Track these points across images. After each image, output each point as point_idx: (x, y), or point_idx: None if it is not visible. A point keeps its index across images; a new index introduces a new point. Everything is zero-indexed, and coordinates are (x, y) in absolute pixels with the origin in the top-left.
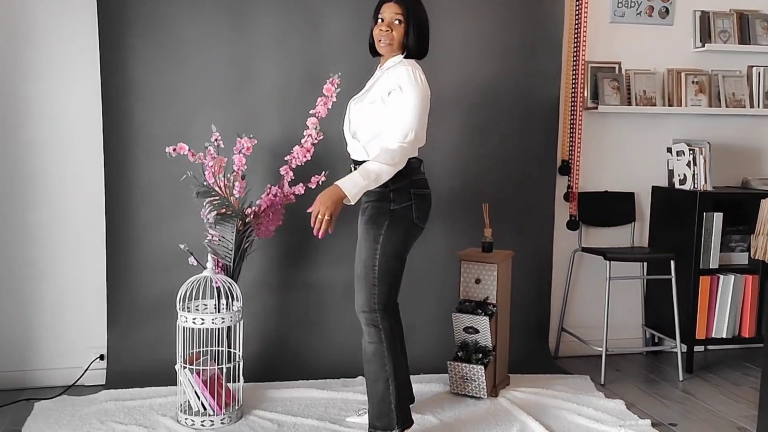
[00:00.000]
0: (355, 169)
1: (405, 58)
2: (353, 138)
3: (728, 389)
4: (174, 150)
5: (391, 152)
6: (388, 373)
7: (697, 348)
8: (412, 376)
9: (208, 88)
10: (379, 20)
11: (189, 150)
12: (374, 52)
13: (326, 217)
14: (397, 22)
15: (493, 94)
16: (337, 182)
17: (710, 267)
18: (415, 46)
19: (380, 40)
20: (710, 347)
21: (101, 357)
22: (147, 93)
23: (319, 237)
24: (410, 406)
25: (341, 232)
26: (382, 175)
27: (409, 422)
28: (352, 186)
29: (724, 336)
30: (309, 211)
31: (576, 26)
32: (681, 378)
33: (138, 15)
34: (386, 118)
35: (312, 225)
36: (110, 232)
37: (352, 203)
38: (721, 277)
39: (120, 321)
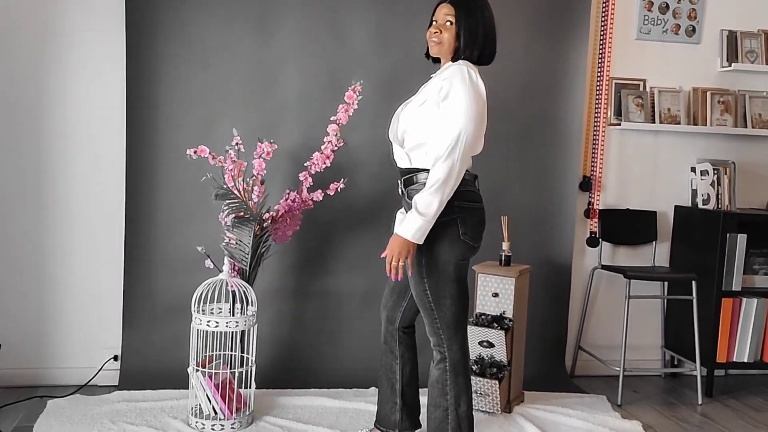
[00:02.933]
0: (401, 180)
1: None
2: (399, 145)
3: (748, 414)
4: (195, 152)
5: (435, 171)
6: (449, 403)
7: (717, 372)
8: (423, 389)
9: (230, 92)
10: (433, 22)
11: (210, 153)
12: (430, 57)
13: (401, 263)
14: (448, 23)
15: (516, 107)
16: (396, 231)
17: (733, 289)
18: (466, 49)
19: (431, 41)
20: (731, 371)
21: (115, 357)
22: (171, 96)
23: (398, 279)
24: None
25: (359, 239)
26: (430, 204)
27: None
28: (409, 227)
29: (746, 360)
30: (382, 256)
31: (601, 42)
32: (700, 402)
33: (165, 19)
34: (437, 124)
35: (387, 272)
36: (129, 233)
37: (420, 243)
38: (744, 300)
39: (135, 322)
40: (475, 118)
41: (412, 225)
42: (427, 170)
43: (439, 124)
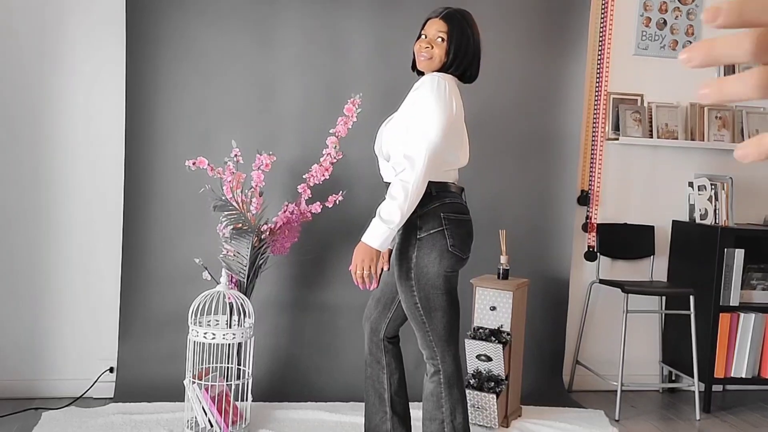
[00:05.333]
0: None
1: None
2: (385, 159)
3: (746, 430)
4: (193, 164)
5: (395, 183)
6: (444, 416)
7: (715, 387)
8: (419, 403)
9: (230, 104)
10: (422, 36)
11: (208, 164)
12: (416, 69)
13: (365, 272)
14: (439, 39)
15: (514, 121)
16: (362, 237)
17: (730, 304)
18: (453, 66)
19: (419, 56)
20: (729, 387)
21: (111, 369)
22: (170, 107)
23: (369, 289)
24: None
25: None
26: (394, 213)
27: None
28: (373, 234)
29: (744, 376)
30: (350, 269)
31: (599, 57)
32: (698, 417)
33: (165, 32)
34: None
35: (354, 282)
36: (126, 244)
37: (383, 250)
38: (742, 315)
39: (132, 334)
40: (440, 127)
41: (375, 232)
42: None
43: (407, 133)
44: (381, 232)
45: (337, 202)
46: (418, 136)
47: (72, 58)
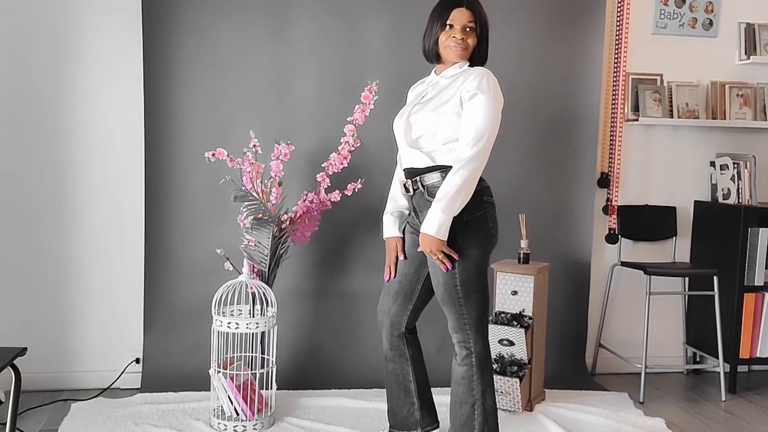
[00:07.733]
0: (417, 178)
1: (471, 65)
2: (412, 147)
3: None
4: (213, 155)
5: (461, 172)
6: (476, 398)
7: (740, 368)
8: (443, 389)
9: (247, 95)
10: (448, 26)
11: (227, 155)
12: (432, 59)
13: (439, 256)
14: (469, 29)
15: (532, 103)
16: (421, 230)
17: (755, 284)
18: (484, 54)
19: (451, 46)
20: (754, 367)
21: (137, 360)
22: (188, 100)
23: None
24: (438, 428)
25: (377, 239)
26: (459, 201)
27: None
28: (431, 224)
29: None
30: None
31: (617, 37)
32: (723, 398)
33: (181, 25)
34: (459, 123)
35: (440, 265)
36: (149, 236)
37: (445, 238)
38: (767, 294)
39: (157, 325)
40: (497, 121)
41: (437, 222)
42: (448, 167)
43: (463, 125)
44: (441, 220)
45: (356, 189)
46: (481, 130)
47: (90, 55)
